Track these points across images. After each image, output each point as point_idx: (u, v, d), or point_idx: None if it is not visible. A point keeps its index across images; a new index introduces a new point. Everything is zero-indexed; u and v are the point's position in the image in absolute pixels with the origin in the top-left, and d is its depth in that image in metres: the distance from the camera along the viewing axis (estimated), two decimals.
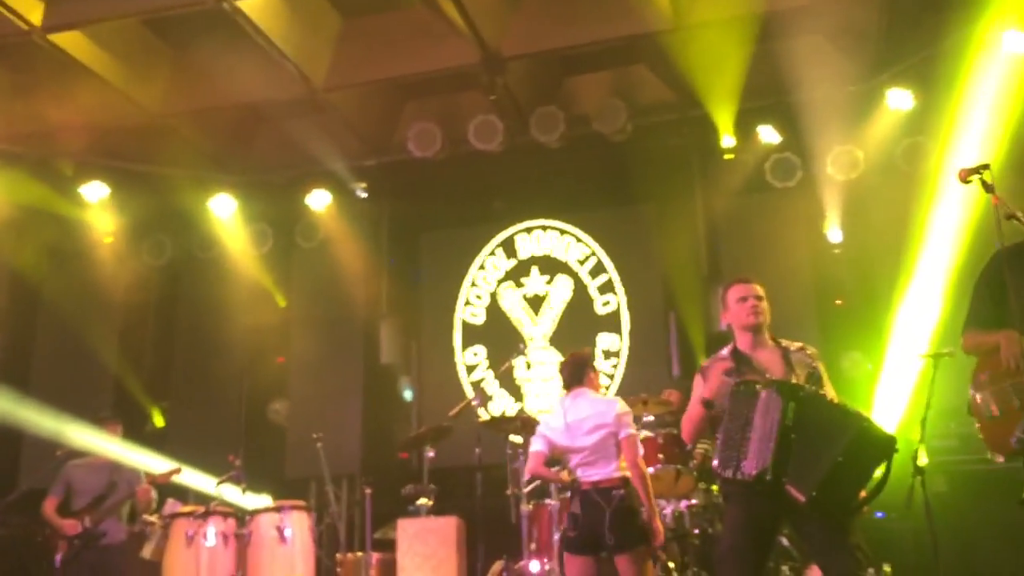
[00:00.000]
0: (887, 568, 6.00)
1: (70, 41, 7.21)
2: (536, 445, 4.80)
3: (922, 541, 5.55)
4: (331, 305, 9.02)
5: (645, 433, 5.96)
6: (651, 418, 6.22)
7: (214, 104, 8.05)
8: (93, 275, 9.16)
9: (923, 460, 4.96)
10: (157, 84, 8.00)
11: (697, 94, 7.86)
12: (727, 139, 8.15)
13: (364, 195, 9.13)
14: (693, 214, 8.58)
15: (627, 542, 4.41)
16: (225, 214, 9.02)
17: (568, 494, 5.23)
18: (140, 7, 6.98)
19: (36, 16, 6.93)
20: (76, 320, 9.00)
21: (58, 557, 6.40)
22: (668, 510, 5.81)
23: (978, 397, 3.67)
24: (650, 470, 5.11)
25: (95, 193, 8.84)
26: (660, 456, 5.90)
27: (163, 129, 8.28)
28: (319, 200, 9.00)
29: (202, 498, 7.31)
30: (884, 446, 3.68)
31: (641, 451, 4.69)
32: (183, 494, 7.50)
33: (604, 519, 4.45)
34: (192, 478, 7.72)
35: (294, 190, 9.04)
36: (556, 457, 4.79)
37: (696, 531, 5.76)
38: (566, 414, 4.77)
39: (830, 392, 4.05)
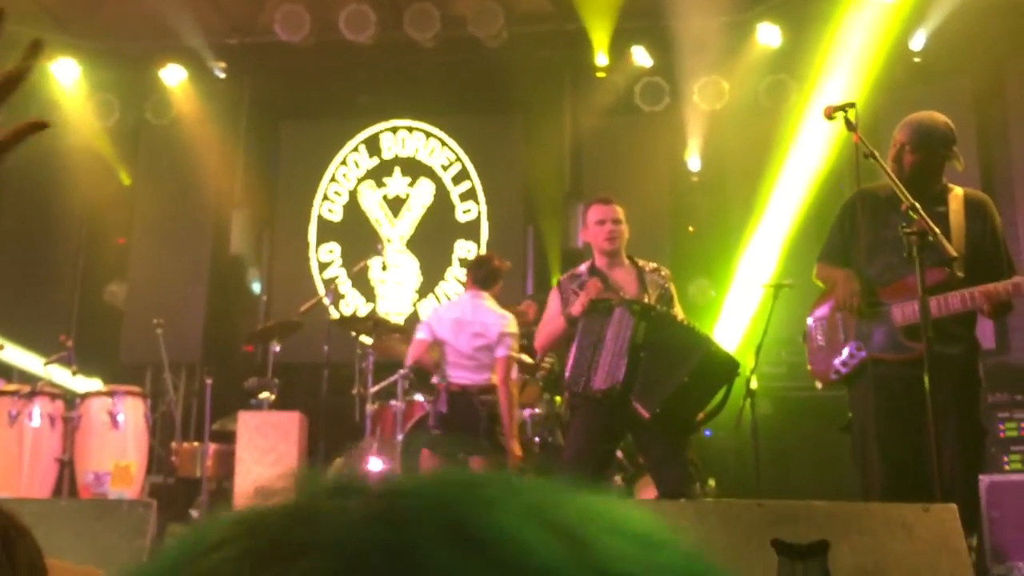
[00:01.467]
0: (712, 482, 6.37)
1: None
2: (421, 333, 4.87)
3: (746, 459, 5.91)
4: (180, 188, 8.61)
5: None
6: None
7: None
8: None
9: (754, 384, 5.26)
10: None
11: (576, 8, 7.80)
12: (601, 57, 8.16)
13: (223, 75, 8.68)
14: (560, 130, 8.59)
15: (489, 448, 4.50)
16: (68, 80, 8.40)
17: (425, 394, 5.27)
18: None
19: None
20: None
21: None
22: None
23: (811, 326, 3.87)
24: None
25: None
26: None
27: None
28: (174, 75, 8.49)
29: (28, 377, 6.97)
30: (728, 370, 3.85)
31: (514, 374, 4.76)
32: (7, 372, 7.13)
33: (476, 422, 4.52)
34: (16, 356, 7.35)
35: (147, 62, 8.49)
36: (432, 351, 4.85)
37: (537, 439, 5.91)
38: (461, 311, 4.81)
39: (680, 313, 4.19)
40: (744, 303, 7.21)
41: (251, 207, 8.86)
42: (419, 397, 5.85)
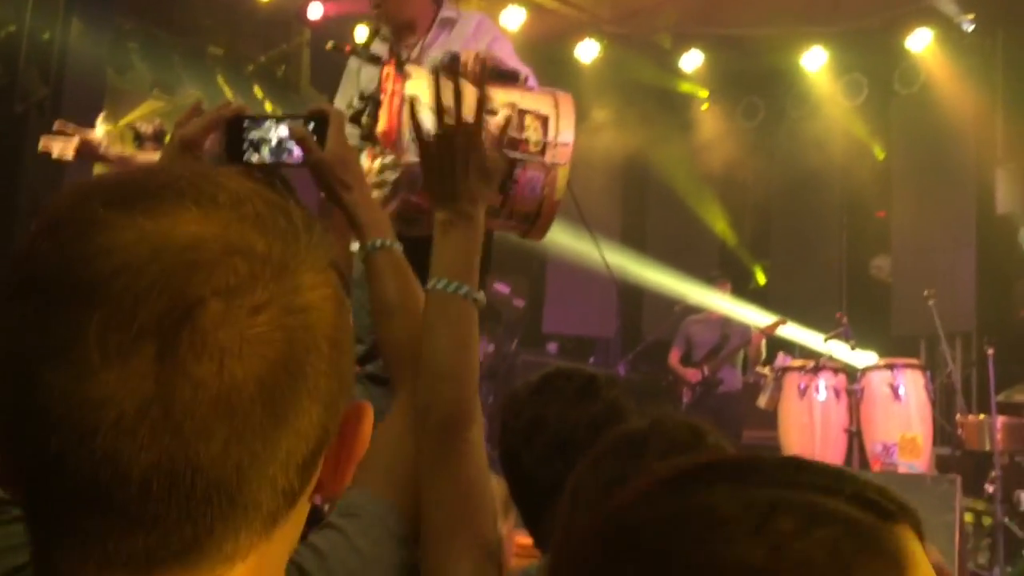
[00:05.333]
0: None
1: None
2: None
3: None
4: (936, 153, 8.38)
5: None
6: None
7: None
8: (692, 142, 9.65)
9: None
10: None
11: None
12: None
13: (971, 28, 8.21)
14: None
15: None
16: (816, 68, 8.82)
17: None
18: None
19: None
20: (680, 185, 9.61)
21: (684, 401, 7.10)
22: None
23: None
24: None
25: (691, 62, 9.23)
26: None
27: None
28: (919, 40, 8.30)
29: (807, 353, 7.46)
30: None
31: None
32: (790, 348, 7.72)
33: None
34: (796, 333, 7.91)
35: (889, 34, 8.46)
36: None
37: None
38: None
39: None
40: None
41: (1016, 162, 8.20)
42: None
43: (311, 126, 1.39)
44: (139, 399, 0.56)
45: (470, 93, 1.40)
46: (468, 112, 1.36)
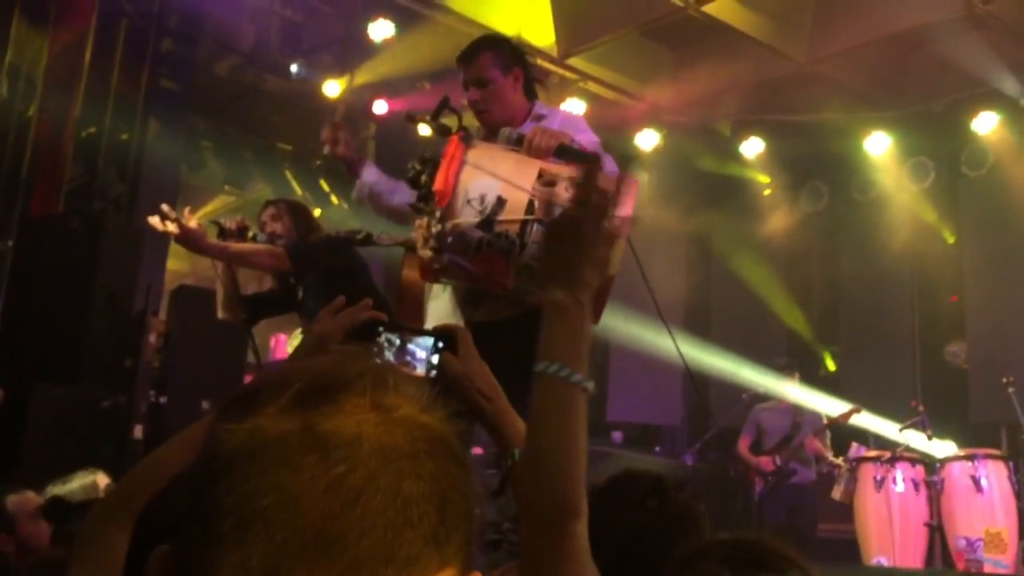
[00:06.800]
0: None
1: (720, 8, 7.60)
2: None
3: None
4: (1007, 235, 8.18)
5: None
6: None
7: (861, 40, 7.83)
8: (756, 227, 9.58)
9: None
10: (802, 32, 8.05)
11: None
12: None
13: None
14: None
15: None
16: (880, 152, 8.75)
17: None
18: None
19: None
20: (745, 271, 9.52)
21: (756, 491, 6.90)
22: None
23: None
24: None
25: (752, 149, 9.24)
26: None
27: (811, 76, 8.30)
28: (985, 123, 8.20)
29: (882, 442, 7.24)
30: None
31: None
32: (864, 437, 7.49)
33: None
34: (870, 421, 7.68)
35: (954, 116, 8.38)
36: None
37: None
38: None
39: None
40: None
41: None
42: None
43: (440, 344, 1.49)
44: None
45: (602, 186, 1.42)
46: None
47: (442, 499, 0.67)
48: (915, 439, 6.69)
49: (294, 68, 8.35)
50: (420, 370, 1.48)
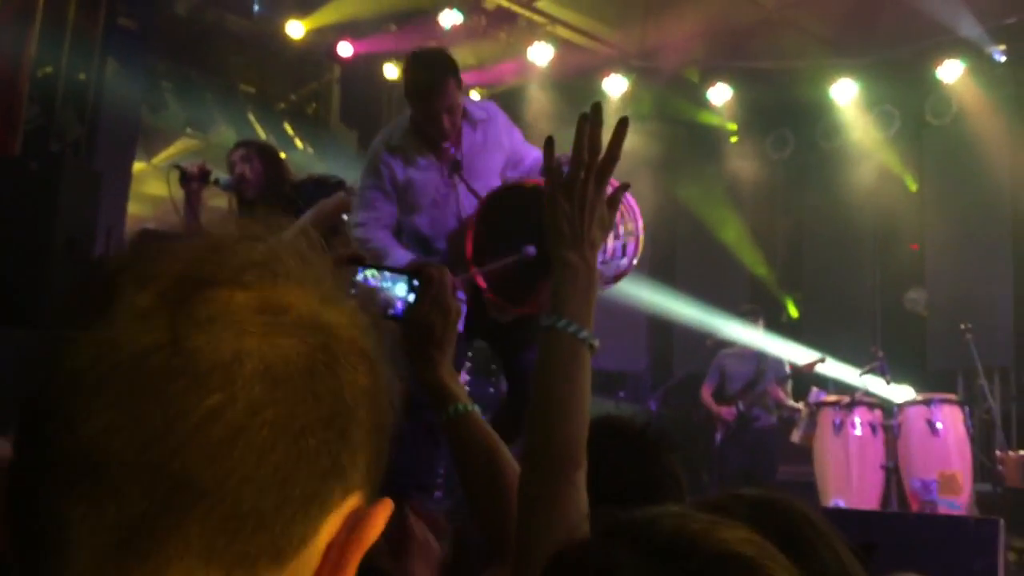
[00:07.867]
0: None
1: None
2: None
3: None
4: (969, 184, 8.28)
5: None
6: None
7: None
8: (722, 175, 9.61)
9: None
10: None
11: None
12: None
13: (1003, 59, 8.14)
14: None
15: None
16: (846, 100, 8.77)
17: None
18: None
19: None
20: (710, 218, 9.57)
21: (717, 436, 7.01)
22: None
23: None
24: None
25: (720, 96, 9.22)
26: None
27: (780, 22, 8.28)
28: (950, 71, 8.24)
29: (842, 387, 7.36)
30: None
31: None
32: (823, 383, 7.62)
33: None
34: (830, 367, 7.80)
35: (920, 65, 8.40)
36: None
37: None
38: None
39: None
40: None
41: None
42: None
43: (414, 282, 1.49)
44: None
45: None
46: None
47: (347, 418, 0.56)
48: (874, 384, 6.81)
49: (256, 7, 8.16)
50: (399, 304, 1.47)
